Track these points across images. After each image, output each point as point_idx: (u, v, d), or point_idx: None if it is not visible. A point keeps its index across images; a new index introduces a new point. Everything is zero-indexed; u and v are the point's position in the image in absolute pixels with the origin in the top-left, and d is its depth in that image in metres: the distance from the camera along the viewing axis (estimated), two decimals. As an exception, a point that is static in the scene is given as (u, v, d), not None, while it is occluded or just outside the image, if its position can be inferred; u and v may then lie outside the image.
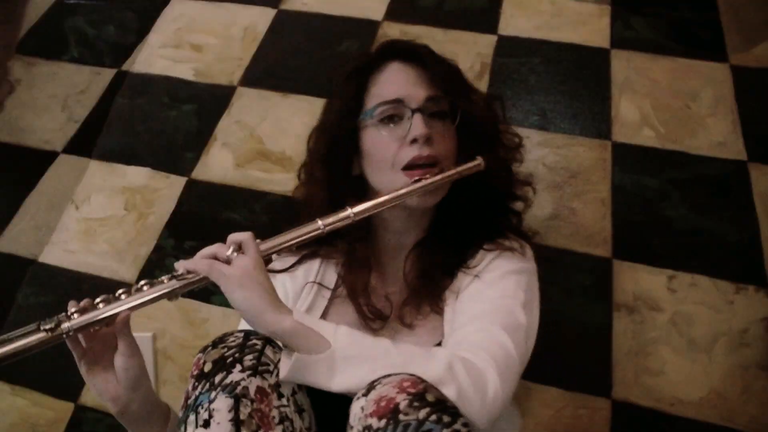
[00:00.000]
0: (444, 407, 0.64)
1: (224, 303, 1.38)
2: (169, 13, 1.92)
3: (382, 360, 0.71)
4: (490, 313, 0.81)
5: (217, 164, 1.59)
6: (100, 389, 0.75)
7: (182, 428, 0.68)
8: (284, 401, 0.71)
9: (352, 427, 0.68)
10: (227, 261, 0.75)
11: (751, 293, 1.30)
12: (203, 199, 1.54)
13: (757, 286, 1.30)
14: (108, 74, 1.81)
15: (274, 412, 0.70)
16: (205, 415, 0.67)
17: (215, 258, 0.75)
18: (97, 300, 0.73)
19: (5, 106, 1.75)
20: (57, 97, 1.78)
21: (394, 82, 0.88)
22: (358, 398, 0.69)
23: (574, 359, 1.26)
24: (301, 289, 0.94)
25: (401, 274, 0.93)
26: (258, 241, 0.77)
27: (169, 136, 1.66)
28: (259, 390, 0.69)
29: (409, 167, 0.85)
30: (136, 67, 1.81)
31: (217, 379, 0.69)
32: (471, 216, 0.92)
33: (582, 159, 1.50)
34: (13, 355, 0.68)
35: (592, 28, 1.74)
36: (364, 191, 0.91)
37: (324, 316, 0.92)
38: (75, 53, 1.86)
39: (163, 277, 0.75)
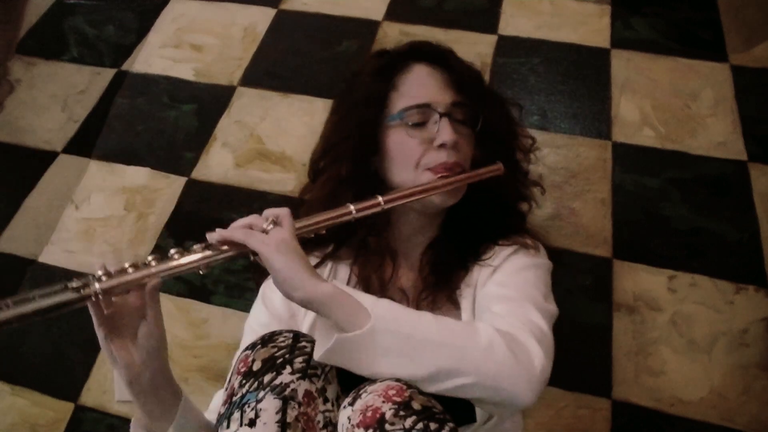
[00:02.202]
0: (430, 414, 0.65)
1: (224, 303, 1.38)
2: (168, 13, 1.92)
3: (424, 335, 0.70)
4: (518, 296, 0.82)
5: (217, 164, 1.59)
6: (115, 355, 0.73)
7: (225, 423, 0.68)
8: (329, 406, 0.71)
9: None
10: (263, 232, 0.74)
11: (751, 293, 1.30)
12: (203, 199, 1.54)
13: (757, 286, 1.30)
14: (108, 74, 1.81)
15: (319, 417, 0.69)
16: (252, 414, 0.66)
17: (251, 228, 0.74)
18: (126, 265, 0.71)
19: (5, 106, 1.75)
20: (57, 97, 1.78)
21: (423, 86, 0.89)
22: (345, 407, 0.69)
23: (574, 359, 1.26)
24: None
25: (416, 269, 0.94)
26: None
27: (169, 136, 1.66)
28: (307, 393, 0.68)
29: (434, 169, 0.87)
30: (136, 67, 1.81)
31: (266, 379, 0.68)
32: (483, 215, 0.94)
33: (582, 159, 1.50)
34: (35, 313, 0.65)
35: (592, 28, 1.74)
36: (380, 187, 0.91)
37: None
38: (75, 53, 1.86)
39: (195, 246, 0.73)
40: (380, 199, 0.82)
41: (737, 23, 1.72)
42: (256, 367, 0.70)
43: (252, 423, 0.66)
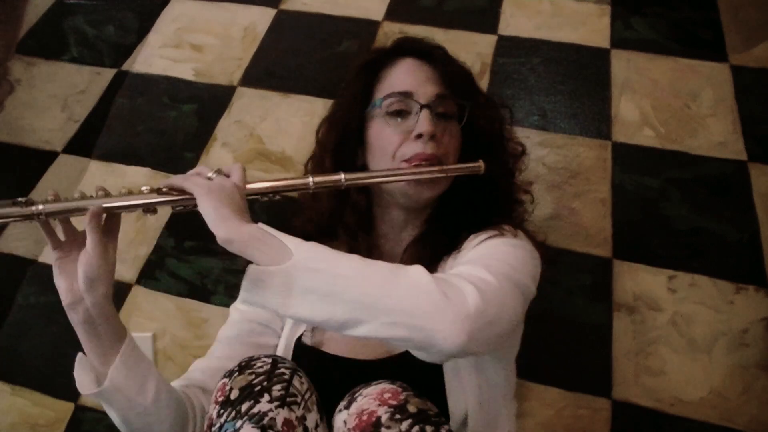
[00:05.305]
0: (426, 417, 0.65)
1: (224, 303, 1.38)
2: (169, 13, 1.92)
3: (345, 272, 0.67)
4: (472, 261, 0.78)
5: (217, 164, 1.59)
6: (59, 277, 0.75)
7: None
8: None
9: None
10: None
11: (751, 293, 1.30)
12: (203, 199, 1.54)
13: (757, 286, 1.30)
14: (108, 74, 1.81)
15: None
16: None
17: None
18: (75, 195, 0.74)
19: (5, 106, 1.75)
20: (57, 97, 1.78)
21: (406, 76, 0.90)
22: (340, 411, 0.69)
23: (574, 359, 1.26)
24: None
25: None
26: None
27: (169, 136, 1.66)
28: (286, 422, 0.67)
29: (409, 160, 0.87)
30: (136, 67, 1.81)
31: (244, 407, 0.67)
32: (468, 213, 0.93)
33: (582, 159, 1.50)
34: None
35: (592, 28, 1.73)
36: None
37: None
38: (75, 53, 1.86)
39: (143, 188, 0.76)
40: (342, 175, 0.82)
41: (737, 23, 1.71)
42: (233, 395, 0.69)
43: None
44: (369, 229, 0.96)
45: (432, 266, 0.89)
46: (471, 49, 1.70)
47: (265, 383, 0.69)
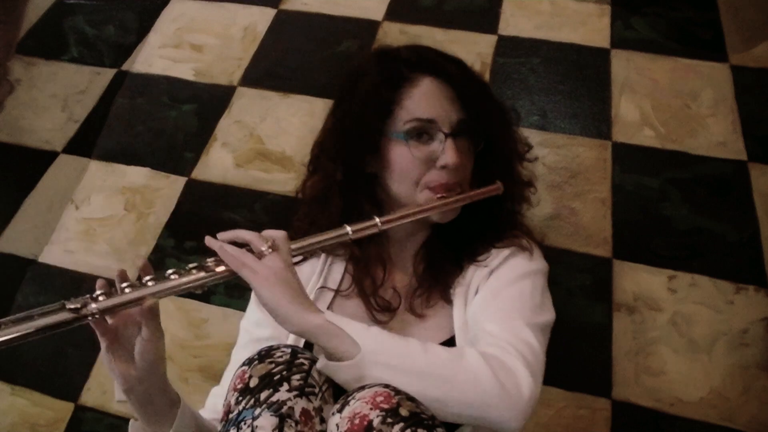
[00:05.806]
0: (418, 420, 0.65)
1: (224, 303, 1.38)
2: (169, 13, 1.92)
3: (411, 366, 0.72)
4: (511, 311, 0.82)
5: (217, 164, 1.59)
6: (113, 366, 0.75)
7: None
8: (325, 426, 0.70)
9: None
10: (260, 255, 0.75)
11: (751, 293, 1.30)
12: (203, 199, 1.54)
13: (757, 286, 1.30)
14: (108, 74, 1.81)
15: None
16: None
17: (249, 248, 0.76)
18: (124, 285, 0.74)
19: (5, 106, 1.75)
20: (57, 97, 1.78)
21: (429, 101, 0.88)
22: (333, 414, 0.69)
23: (574, 359, 1.26)
24: (306, 284, 0.94)
25: (410, 268, 0.94)
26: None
27: (169, 136, 1.66)
28: (304, 412, 0.68)
29: (434, 189, 0.87)
30: (136, 67, 1.81)
31: (263, 396, 0.68)
32: (477, 217, 0.94)
33: (582, 159, 1.50)
34: (35, 332, 0.68)
35: (592, 28, 1.74)
36: (376, 190, 0.92)
37: (329, 309, 0.93)
38: (75, 53, 1.86)
39: (191, 266, 0.76)
40: (377, 220, 0.83)
41: (737, 23, 1.72)
42: (253, 383, 0.70)
43: None
44: (375, 237, 0.96)
45: (449, 268, 0.91)
46: (471, 49, 1.70)
47: (284, 372, 0.70)
